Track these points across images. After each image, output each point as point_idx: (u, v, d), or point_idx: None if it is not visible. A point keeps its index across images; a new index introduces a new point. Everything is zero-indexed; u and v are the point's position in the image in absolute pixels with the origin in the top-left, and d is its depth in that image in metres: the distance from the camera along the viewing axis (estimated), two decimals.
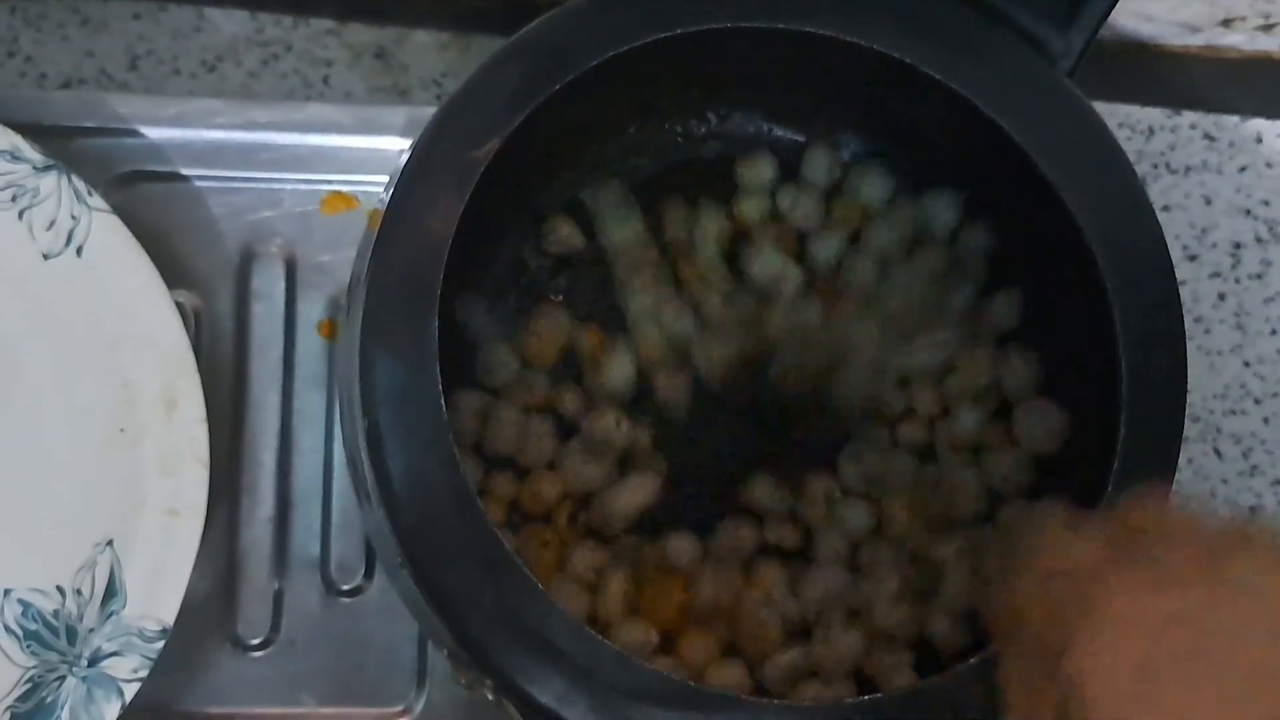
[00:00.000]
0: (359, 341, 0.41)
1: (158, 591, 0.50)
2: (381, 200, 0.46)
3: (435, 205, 0.42)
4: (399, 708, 0.53)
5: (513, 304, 0.52)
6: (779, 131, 0.54)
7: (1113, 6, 0.45)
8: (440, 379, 0.40)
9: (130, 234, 0.51)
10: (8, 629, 0.50)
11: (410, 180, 0.42)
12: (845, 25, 0.43)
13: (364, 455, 0.41)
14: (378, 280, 0.42)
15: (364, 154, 0.55)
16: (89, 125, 0.54)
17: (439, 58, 0.61)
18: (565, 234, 0.52)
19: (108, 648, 0.49)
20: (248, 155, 0.55)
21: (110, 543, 0.50)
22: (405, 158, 0.44)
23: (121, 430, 0.51)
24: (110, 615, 0.50)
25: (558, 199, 0.52)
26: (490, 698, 0.39)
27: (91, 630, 0.50)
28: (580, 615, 0.46)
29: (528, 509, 0.50)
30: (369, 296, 0.41)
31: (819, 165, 0.53)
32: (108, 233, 0.51)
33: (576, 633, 0.39)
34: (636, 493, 0.49)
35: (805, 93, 0.51)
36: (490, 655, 0.39)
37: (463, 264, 0.42)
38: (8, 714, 0.49)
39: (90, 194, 0.51)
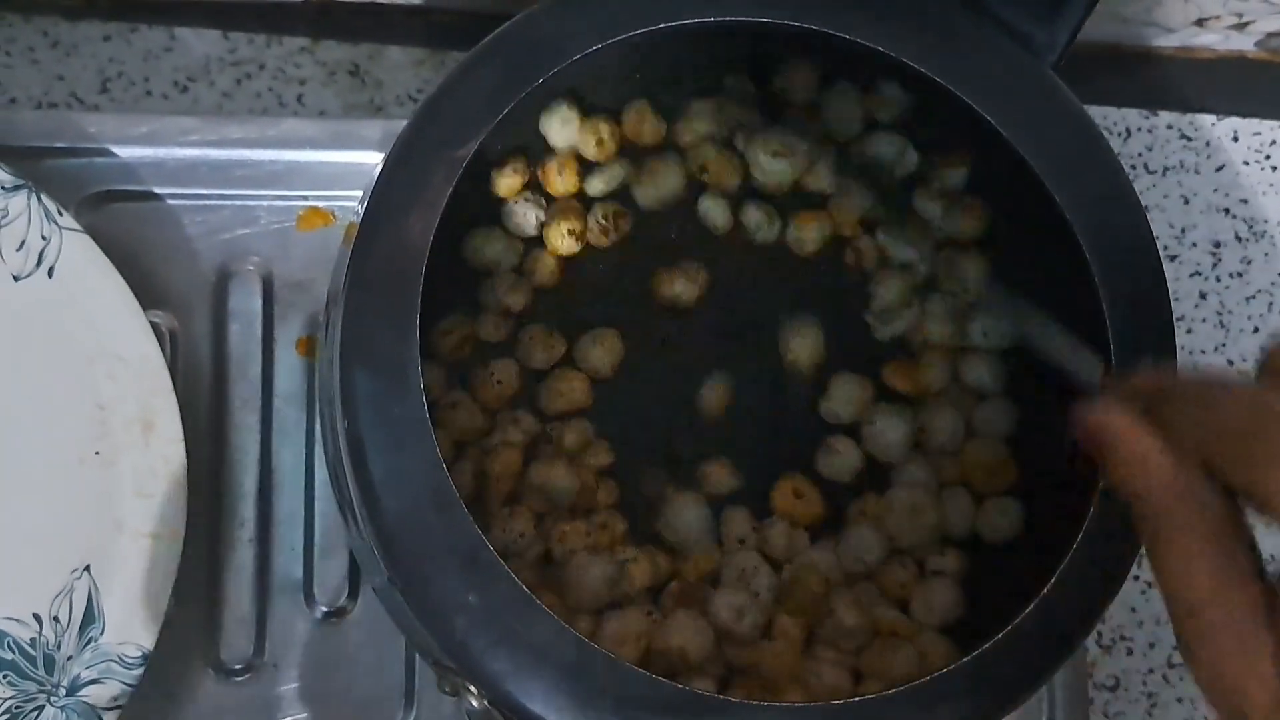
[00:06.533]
0: (340, 341, 0.40)
1: (137, 617, 0.49)
2: (358, 214, 0.45)
3: (416, 203, 0.41)
4: None
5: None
6: None
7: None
8: (423, 377, 0.40)
9: (102, 254, 0.51)
10: None
11: (390, 178, 0.42)
12: (826, 18, 0.43)
13: (345, 457, 0.40)
14: (359, 280, 0.41)
15: (339, 169, 0.55)
16: (59, 145, 0.53)
17: (414, 74, 0.60)
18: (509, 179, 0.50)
19: (87, 675, 0.49)
20: (222, 173, 0.55)
21: (87, 568, 0.49)
22: (384, 157, 0.43)
23: (97, 452, 0.50)
24: (89, 642, 0.49)
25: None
26: (475, 705, 0.38)
27: (70, 658, 0.49)
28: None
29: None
30: (350, 295, 0.41)
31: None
32: (79, 253, 0.51)
33: (562, 635, 0.38)
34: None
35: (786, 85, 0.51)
36: (474, 659, 0.38)
37: (444, 263, 0.42)
38: None
39: (60, 214, 0.50)
